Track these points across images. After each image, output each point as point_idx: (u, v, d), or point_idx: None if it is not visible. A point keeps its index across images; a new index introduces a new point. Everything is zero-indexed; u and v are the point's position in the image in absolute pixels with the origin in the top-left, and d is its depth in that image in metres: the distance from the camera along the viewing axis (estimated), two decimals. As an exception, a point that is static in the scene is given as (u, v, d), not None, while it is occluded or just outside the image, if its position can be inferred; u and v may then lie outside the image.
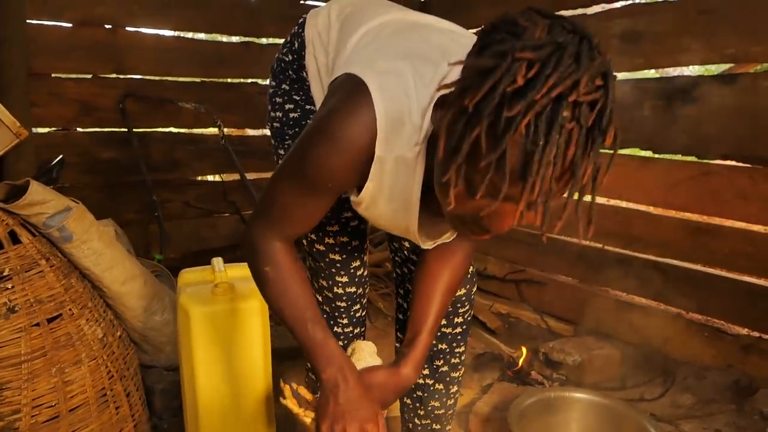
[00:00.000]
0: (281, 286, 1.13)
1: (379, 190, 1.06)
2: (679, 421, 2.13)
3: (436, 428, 1.52)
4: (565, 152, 0.76)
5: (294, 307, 1.13)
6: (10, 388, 1.46)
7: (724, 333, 2.43)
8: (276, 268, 1.13)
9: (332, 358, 1.11)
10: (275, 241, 1.13)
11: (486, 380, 2.20)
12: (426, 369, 1.47)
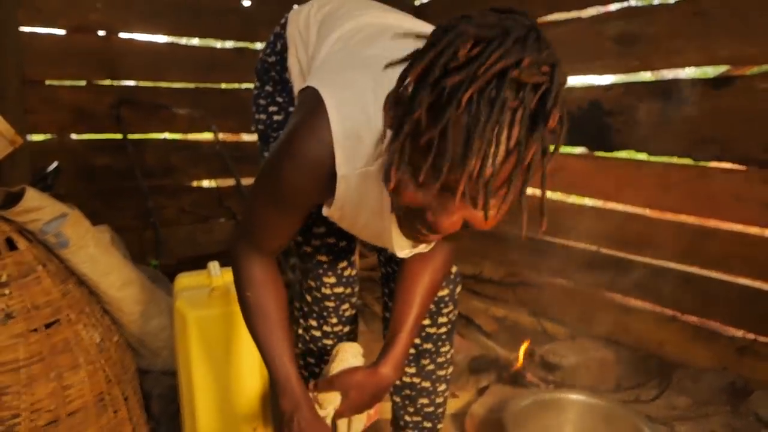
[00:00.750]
0: (259, 314, 1.20)
1: (348, 205, 1.09)
2: (674, 422, 2.14)
3: (426, 426, 1.54)
4: (509, 131, 0.75)
5: (267, 338, 1.20)
6: (9, 393, 1.46)
7: (719, 335, 2.43)
8: (256, 294, 1.20)
9: (291, 391, 1.19)
10: (256, 260, 1.20)
11: (482, 383, 2.20)
12: (413, 368, 1.48)
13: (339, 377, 1.23)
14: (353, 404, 1.23)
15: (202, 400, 1.60)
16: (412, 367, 1.49)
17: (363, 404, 1.24)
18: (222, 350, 1.59)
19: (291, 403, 1.19)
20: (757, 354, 2.31)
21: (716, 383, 2.37)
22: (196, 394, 1.60)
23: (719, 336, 2.43)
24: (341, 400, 1.23)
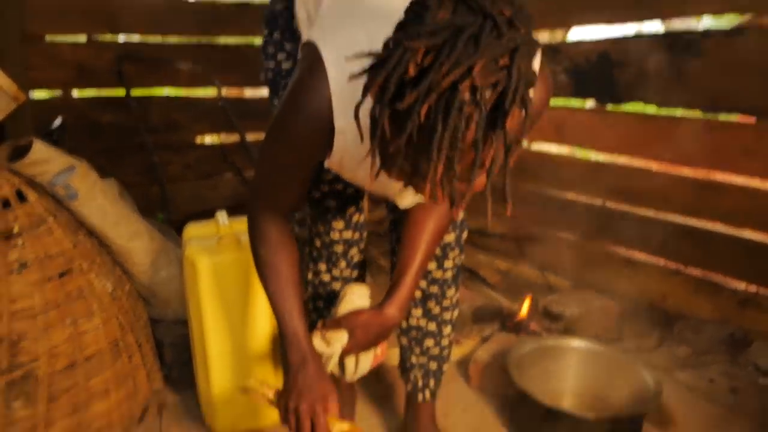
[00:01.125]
0: (272, 271, 1.25)
1: (347, 157, 1.12)
2: (674, 370, 2.18)
3: (432, 367, 1.58)
4: (465, 135, 0.76)
5: (279, 294, 1.25)
6: (28, 339, 1.50)
7: (722, 288, 2.46)
8: (269, 253, 1.25)
9: (299, 346, 1.25)
10: (270, 221, 1.24)
11: (485, 332, 2.24)
12: (419, 310, 1.52)
13: (346, 317, 1.28)
14: (359, 343, 1.27)
15: (213, 346, 1.64)
16: (418, 309, 1.52)
17: (368, 343, 1.28)
18: (233, 297, 1.62)
19: (298, 357, 1.24)
20: (759, 306, 2.34)
21: (717, 334, 2.41)
22: (208, 342, 1.64)
23: (722, 289, 2.46)
24: (347, 339, 1.27)
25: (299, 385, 1.23)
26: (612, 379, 1.85)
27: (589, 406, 1.84)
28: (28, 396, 1.51)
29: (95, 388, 1.63)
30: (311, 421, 1.21)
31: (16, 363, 1.49)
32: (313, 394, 1.22)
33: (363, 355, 1.32)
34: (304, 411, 1.21)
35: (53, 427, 1.55)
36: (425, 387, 1.59)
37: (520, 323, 2.27)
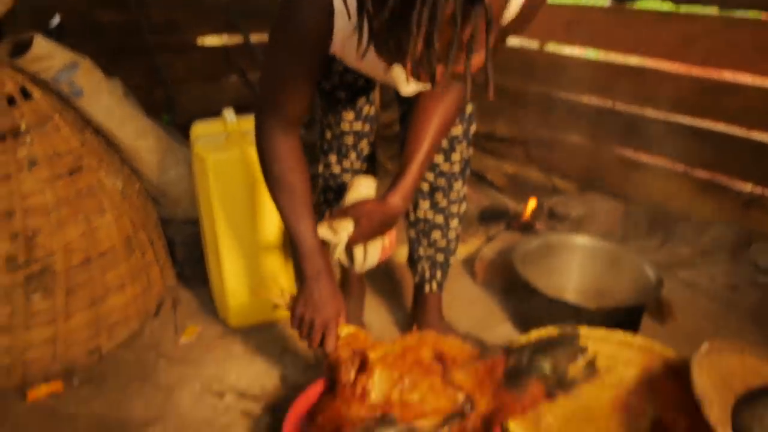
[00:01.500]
0: (285, 188, 1.29)
1: (348, 41, 1.12)
2: (675, 268, 2.22)
3: (439, 259, 1.62)
4: (444, 8, 0.73)
5: (293, 211, 1.30)
6: (43, 234, 1.53)
7: (727, 189, 2.47)
8: (282, 168, 1.28)
9: (314, 259, 1.31)
10: (280, 135, 1.26)
11: (491, 232, 2.27)
12: (427, 203, 1.55)
13: (351, 207, 1.31)
14: (364, 231, 1.30)
15: (225, 241, 1.67)
16: (426, 202, 1.55)
17: (373, 231, 1.31)
18: (242, 192, 1.64)
19: (314, 270, 1.31)
20: (763, 207, 2.35)
21: (719, 235, 2.44)
22: (220, 237, 1.67)
23: (727, 190, 2.47)
24: (353, 228, 1.30)
25: (315, 298, 1.31)
26: (614, 274, 1.89)
27: (591, 300, 1.89)
28: (46, 289, 1.55)
29: (111, 283, 1.68)
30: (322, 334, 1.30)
31: (33, 257, 1.53)
32: (327, 309, 1.30)
33: (371, 246, 1.35)
34: (318, 324, 1.29)
35: (72, 319, 1.61)
36: (432, 278, 1.64)
37: (525, 223, 2.30)
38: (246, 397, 1.54)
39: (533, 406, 1.29)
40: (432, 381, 1.24)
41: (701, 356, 1.27)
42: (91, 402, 1.53)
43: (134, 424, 1.46)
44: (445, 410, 1.22)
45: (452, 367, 1.27)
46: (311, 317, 1.30)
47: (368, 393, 1.22)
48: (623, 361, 1.54)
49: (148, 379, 1.61)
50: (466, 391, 1.25)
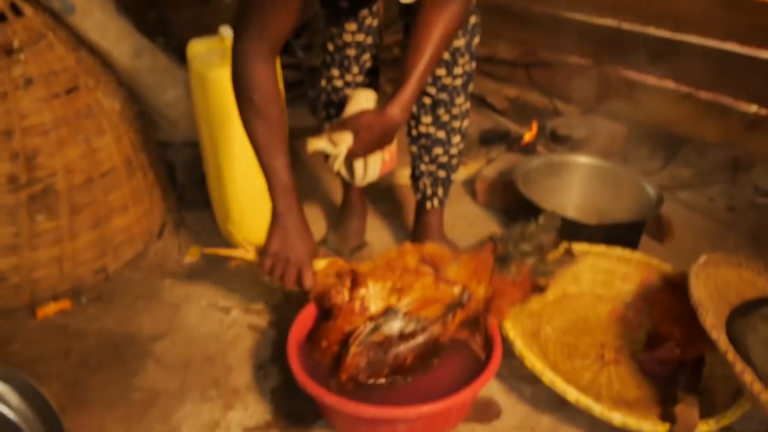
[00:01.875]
0: (262, 117, 1.25)
1: None
2: (675, 190, 2.23)
3: (440, 175, 1.62)
4: None
5: (268, 144, 1.26)
6: (43, 154, 1.53)
7: (731, 110, 2.45)
8: (260, 96, 1.23)
9: (288, 196, 1.28)
10: (260, 60, 1.22)
11: (492, 154, 2.27)
12: (429, 117, 1.53)
13: (350, 118, 1.29)
14: (363, 143, 1.29)
15: (226, 160, 1.67)
16: (428, 117, 1.53)
17: (372, 144, 1.30)
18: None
19: (285, 205, 1.28)
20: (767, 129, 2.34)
21: (721, 157, 2.44)
22: (221, 155, 1.66)
23: (731, 111, 2.45)
24: (352, 140, 1.29)
25: (288, 235, 1.28)
26: (615, 193, 1.90)
27: (591, 218, 1.90)
28: (50, 209, 1.56)
29: (114, 204, 1.69)
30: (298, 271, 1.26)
31: (35, 178, 1.53)
32: (300, 245, 1.28)
33: (371, 160, 1.35)
34: (292, 260, 1.27)
35: (78, 239, 1.62)
36: (434, 195, 1.65)
37: (527, 145, 2.29)
38: (251, 312, 1.58)
39: (525, 290, 1.34)
40: (424, 281, 1.26)
41: (699, 267, 1.29)
42: (100, 319, 1.56)
43: (143, 339, 1.49)
44: (443, 302, 1.25)
45: (441, 266, 1.29)
46: (285, 255, 1.27)
47: (367, 305, 1.24)
48: (621, 276, 1.57)
49: (154, 297, 1.64)
50: (461, 283, 1.28)
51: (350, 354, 1.16)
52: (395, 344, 1.19)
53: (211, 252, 1.42)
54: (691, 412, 1.15)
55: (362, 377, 1.17)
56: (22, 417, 1.08)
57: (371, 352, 1.18)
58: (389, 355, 1.18)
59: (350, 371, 1.16)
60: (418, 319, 1.21)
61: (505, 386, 1.37)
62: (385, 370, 1.19)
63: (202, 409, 1.29)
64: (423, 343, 1.21)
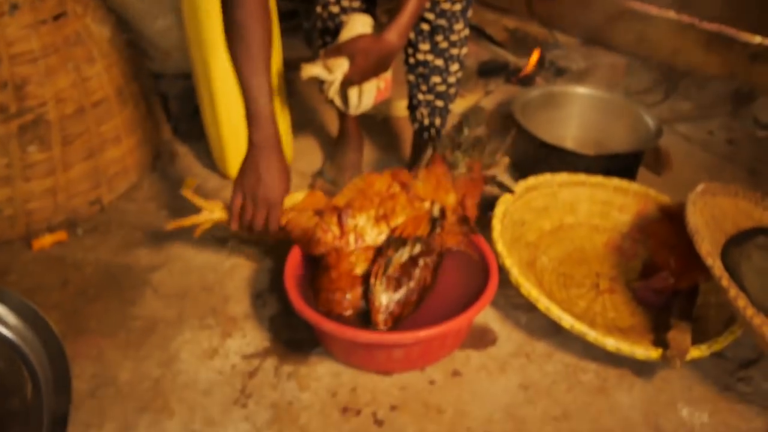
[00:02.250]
0: (246, 38, 1.16)
1: None
2: (674, 123, 2.21)
3: (438, 104, 1.59)
4: None
5: (247, 60, 1.17)
6: (32, 83, 1.50)
7: (734, 41, 2.41)
8: (246, 15, 1.15)
9: (265, 125, 1.18)
10: None
11: (490, 86, 2.24)
12: (427, 45, 1.50)
13: (346, 43, 1.27)
14: (359, 69, 1.27)
15: (220, 91, 1.64)
16: (426, 44, 1.50)
17: (368, 69, 1.28)
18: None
19: (262, 137, 1.19)
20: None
21: (722, 90, 2.41)
22: (214, 86, 1.63)
23: (734, 42, 2.41)
24: (348, 66, 1.26)
25: (261, 171, 1.18)
26: (614, 124, 1.88)
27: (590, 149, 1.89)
28: (42, 140, 1.54)
29: (107, 135, 1.66)
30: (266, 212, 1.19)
31: (25, 107, 1.50)
32: (274, 183, 1.19)
33: (366, 87, 1.33)
34: (260, 200, 1.18)
35: (71, 170, 1.61)
36: (431, 125, 1.62)
37: (526, 77, 2.26)
38: (248, 243, 1.58)
39: (480, 183, 1.38)
40: (401, 203, 1.27)
41: (696, 195, 1.29)
42: (96, 250, 1.56)
43: (140, 269, 1.50)
44: (425, 219, 1.26)
45: (409, 184, 1.30)
46: (254, 193, 1.18)
47: (362, 236, 1.24)
48: (618, 207, 1.57)
49: (150, 228, 1.63)
50: (431, 198, 1.30)
51: (376, 295, 1.15)
52: (411, 270, 1.18)
53: (176, 225, 1.32)
54: (683, 338, 1.17)
55: (396, 312, 1.16)
56: (20, 336, 1.09)
57: (394, 285, 1.16)
58: (412, 281, 1.17)
59: (382, 311, 1.15)
60: (418, 239, 1.21)
61: (501, 314, 1.38)
62: (414, 297, 1.18)
63: (201, 336, 1.31)
64: (433, 260, 1.22)
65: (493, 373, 1.24)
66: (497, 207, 1.43)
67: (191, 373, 1.22)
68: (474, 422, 1.13)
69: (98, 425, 1.11)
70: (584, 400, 1.19)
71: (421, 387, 1.20)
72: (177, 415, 1.14)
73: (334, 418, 1.14)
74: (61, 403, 1.03)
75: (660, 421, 1.15)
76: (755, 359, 1.29)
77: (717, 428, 1.15)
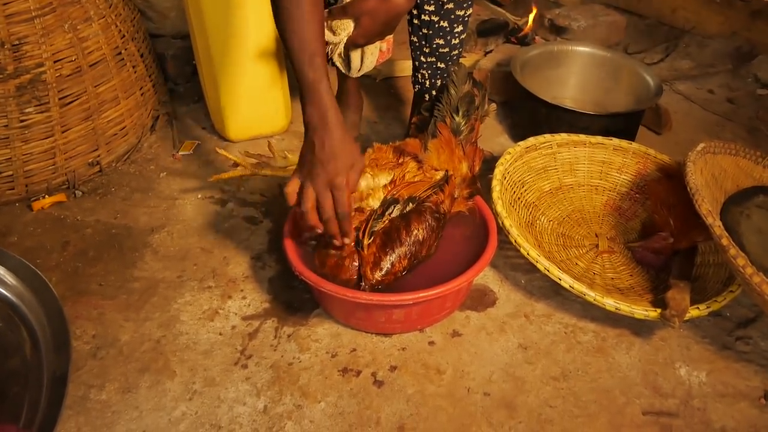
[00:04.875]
0: (294, 13, 1.06)
1: None
2: (675, 82, 2.20)
3: (440, 66, 1.56)
4: None
5: (299, 38, 1.07)
6: (29, 43, 1.48)
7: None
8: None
9: (322, 103, 1.07)
10: None
11: (490, 46, 2.21)
12: (432, 6, 1.46)
13: (351, 3, 1.23)
14: (365, 31, 1.25)
15: (218, 52, 1.62)
16: (431, 5, 1.46)
17: (375, 32, 1.26)
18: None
19: (318, 114, 1.07)
20: (770, 18, 2.29)
21: (722, 48, 2.39)
22: (212, 47, 1.61)
23: (734, 0, 2.38)
24: (353, 28, 1.24)
25: (316, 151, 1.07)
26: (614, 82, 1.87)
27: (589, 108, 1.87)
28: (40, 100, 1.53)
29: (105, 96, 1.65)
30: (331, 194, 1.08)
31: (22, 67, 1.49)
32: (331, 165, 1.06)
33: (368, 49, 1.31)
34: (321, 184, 1.07)
35: (70, 132, 1.60)
36: (432, 87, 1.60)
37: (525, 36, 2.23)
38: (247, 204, 1.58)
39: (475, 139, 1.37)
40: (412, 170, 1.27)
41: (696, 154, 1.29)
42: (96, 211, 1.56)
43: (140, 230, 1.50)
44: (427, 184, 1.26)
45: (420, 156, 1.30)
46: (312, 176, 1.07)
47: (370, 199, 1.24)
48: (617, 167, 1.57)
49: (150, 190, 1.63)
50: (446, 168, 1.30)
51: (364, 245, 1.15)
52: (402, 226, 1.18)
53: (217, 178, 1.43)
54: (682, 298, 1.18)
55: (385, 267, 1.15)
56: (19, 296, 1.10)
57: (382, 240, 1.17)
58: (404, 236, 1.17)
59: (370, 261, 1.15)
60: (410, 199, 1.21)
61: (500, 275, 1.39)
62: (406, 252, 1.17)
63: (201, 298, 1.32)
64: (437, 221, 1.22)
65: (492, 333, 1.25)
66: (497, 168, 1.42)
67: (192, 334, 1.23)
68: (473, 382, 1.15)
69: (99, 386, 1.13)
70: (583, 360, 1.20)
71: (420, 348, 1.22)
72: (178, 375, 1.15)
73: (334, 378, 1.15)
74: (60, 362, 1.04)
75: (658, 381, 1.17)
76: (753, 318, 1.30)
77: (715, 387, 1.16)
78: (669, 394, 1.15)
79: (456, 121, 1.32)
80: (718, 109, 2.07)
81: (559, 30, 2.31)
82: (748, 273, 1.07)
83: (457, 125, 1.32)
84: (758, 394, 1.15)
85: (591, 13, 2.38)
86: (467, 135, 1.33)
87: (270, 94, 1.74)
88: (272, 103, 1.76)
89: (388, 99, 2.03)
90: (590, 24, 2.31)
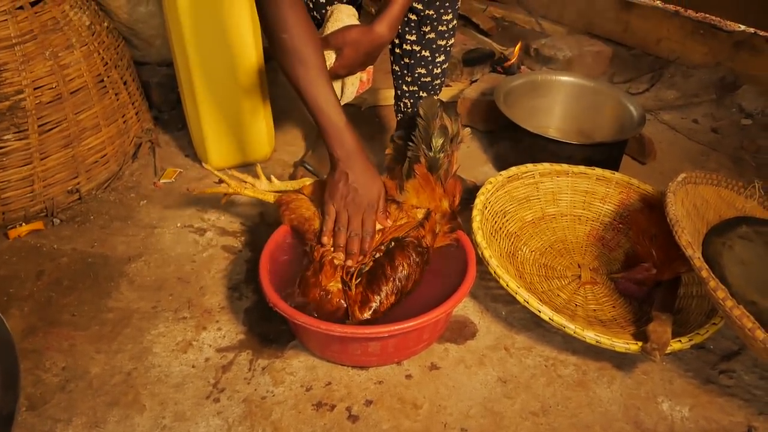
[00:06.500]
0: (299, 59, 1.15)
1: None
2: (659, 112, 2.20)
3: (422, 95, 1.56)
4: None
5: (311, 85, 1.16)
6: (9, 70, 1.47)
7: (718, 30, 2.41)
8: (292, 36, 1.14)
9: (344, 142, 1.18)
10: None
11: (475, 75, 2.21)
12: (414, 35, 1.46)
13: (333, 35, 1.23)
14: (347, 62, 1.24)
15: (200, 81, 1.62)
16: (413, 34, 1.46)
17: (357, 62, 1.25)
18: (216, 27, 1.56)
19: (345, 152, 1.19)
20: (753, 48, 2.31)
21: (706, 78, 2.41)
22: (194, 76, 1.61)
23: (718, 31, 2.41)
24: (335, 59, 1.24)
25: (350, 182, 1.19)
26: (597, 112, 1.87)
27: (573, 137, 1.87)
28: (18, 127, 1.51)
29: (85, 123, 1.64)
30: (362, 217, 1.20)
31: (1, 94, 1.48)
32: (365, 191, 1.20)
33: (349, 80, 1.31)
34: (354, 208, 1.20)
35: (49, 159, 1.58)
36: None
37: (511, 66, 2.24)
38: (226, 234, 1.56)
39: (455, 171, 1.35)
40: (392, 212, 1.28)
41: (677, 185, 1.28)
42: (73, 240, 1.54)
43: (117, 260, 1.48)
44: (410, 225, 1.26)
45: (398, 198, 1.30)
46: (346, 203, 1.20)
47: None
48: (600, 197, 1.56)
49: (129, 218, 1.61)
50: (427, 207, 1.29)
51: (352, 285, 1.16)
52: (387, 266, 1.19)
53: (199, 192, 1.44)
54: (663, 330, 1.16)
55: (374, 306, 1.16)
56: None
57: (369, 276, 1.18)
58: (390, 274, 1.18)
59: (358, 300, 1.15)
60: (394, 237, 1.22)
61: (481, 307, 1.37)
62: (392, 290, 1.18)
63: (175, 329, 1.29)
64: (421, 257, 1.22)
65: (471, 366, 1.23)
66: (477, 197, 1.41)
67: (164, 366, 1.20)
68: (450, 417, 1.12)
69: (66, 420, 1.10)
70: (563, 395, 1.18)
71: (397, 381, 1.19)
72: (147, 410, 1.12)
73: (308, 413, 1.12)
74: (8, 401, 1.00)
75: (640, 416, 1.15)
76: (737, 351, 1.28)
77: (698, 422, 1.14)
78: (651, 430, 1.12)
79: (432, 157, 1.31)
80: (703, 138, 2.07)
81: (545, 60, 2.32)
82: (728, 306, 1.06)
83: (435, 161, 1.31)
84: (742, 429, 1.13)
85: (577, 44, 2.40)
86: (447, 168, 1.32)
87: (253, 124, 1.73)
88: (255, 132, 1.75)
89: (372, 127, 2.02)
90: (576, 54, 2.32)
